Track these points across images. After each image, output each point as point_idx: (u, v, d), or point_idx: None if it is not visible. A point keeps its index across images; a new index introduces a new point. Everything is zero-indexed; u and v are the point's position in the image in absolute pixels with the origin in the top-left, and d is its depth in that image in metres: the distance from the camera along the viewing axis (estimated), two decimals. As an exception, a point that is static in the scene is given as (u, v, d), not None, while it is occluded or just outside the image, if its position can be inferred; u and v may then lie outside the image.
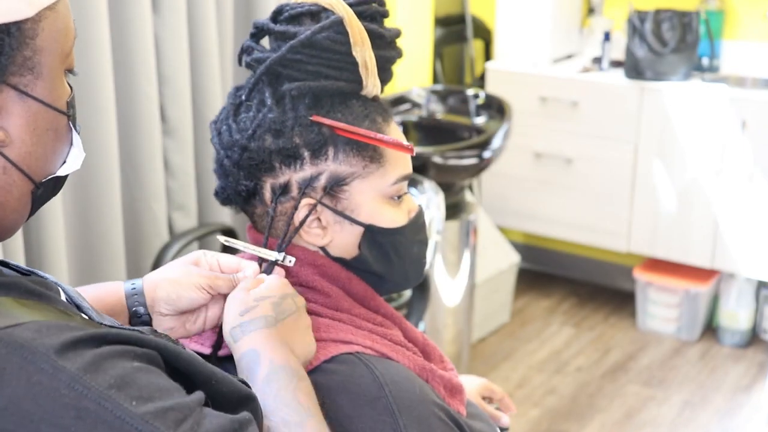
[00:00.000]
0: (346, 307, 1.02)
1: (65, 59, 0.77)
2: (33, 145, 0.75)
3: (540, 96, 3.29)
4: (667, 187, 3.13)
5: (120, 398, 0.67)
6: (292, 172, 1.00)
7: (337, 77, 1.00)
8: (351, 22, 1.00)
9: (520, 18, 3.34)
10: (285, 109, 1.00)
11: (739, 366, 3.07)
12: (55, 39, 0.75)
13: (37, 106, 0.75)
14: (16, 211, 0.77)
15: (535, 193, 3.40)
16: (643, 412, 2.81)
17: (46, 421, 0.65)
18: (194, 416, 0.70)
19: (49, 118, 0.76)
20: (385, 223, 1.03)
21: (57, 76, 0.76)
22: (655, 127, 3.10)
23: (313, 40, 0.99)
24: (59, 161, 0.79)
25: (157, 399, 0.69)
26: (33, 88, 0.74)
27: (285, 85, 1.00)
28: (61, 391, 0.65)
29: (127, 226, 2.05)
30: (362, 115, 1.02)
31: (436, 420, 0.95)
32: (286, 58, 1.00)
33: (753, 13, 3.22)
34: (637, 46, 3.09)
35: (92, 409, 0.66)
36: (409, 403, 0.93)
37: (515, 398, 2.86)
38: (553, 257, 3.74)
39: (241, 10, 2.27)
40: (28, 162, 0.75)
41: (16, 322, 0.68)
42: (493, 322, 3.31)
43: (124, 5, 1.92)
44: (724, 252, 3.07)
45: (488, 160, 2.62)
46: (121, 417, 0.66)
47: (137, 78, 1.98)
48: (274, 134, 0.99)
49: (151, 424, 0.67)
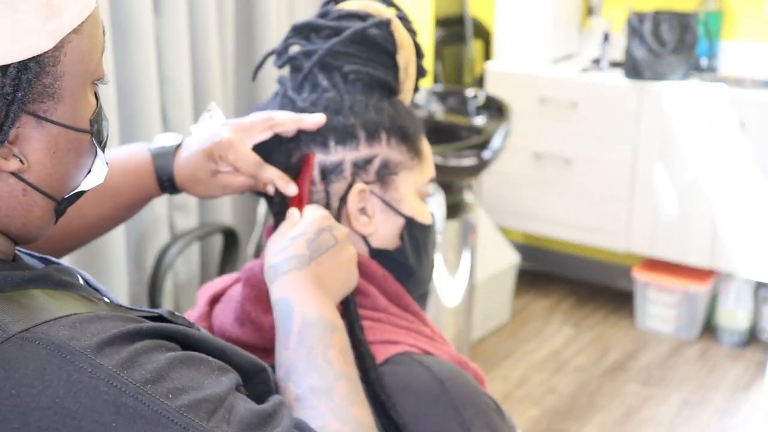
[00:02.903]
0: (383, 306, 1.02)
1: (91, 75, 0.75)
2: (54, 167, 0.74)
3: (539, 96, 3.30)
4: (667, 187, 3.14)
5: (156, 392, 0.68)
6: (345, 152, 1.01)
7: (385, 73, 1.04)
8: (398, 27, 1.04)
9: (519, 18, 3.35)
10: (341, 91, 1.02)
11: (738, 365, 3.08)
12: (79, 60, 0.72)
13: (57, 129, 0.73)
14: (40, 228, 0.77)
15: (534, 193, 3.41)
16: (643, 411, 2.81)
17: (88, 418, 0.66)
18: (226, 405, 0.72)
19: (71, 138, 0.74)
20: (421, 218, 1.05)
21: (80, 94, 0.74)
22: (655, 127, 3.11)
23: (366, 35, 1.02)
24: (82, 175, 0.78)
25: (191, 390, 0.70)
26: (53, 113, 0.72)
27: (345, 67, 1.02)
28: (100, 388, 0.67)
29: (128, 225, 2.06)
30: (406, 113, 1.05)
31: (492, 410, 0.96)
32: (338, 51, 1.03)
33: (751, 14, 3.23)
34: (636, 46, 3.10)
35: (131, 405, 0.67)
36: (468, 397, 0.94)
37: (515, 398, 2.87)
38: (553, 257, 3.75)
39: (242, 10, 2.28)
40: (48, 183, 0.74)
41: (51, 317, 0.69)
42: (493, 322, 3.31)
43: (125, 6, 1.93)
44: (722, 252, 3.08)
45: (488, 160, 2.63)
46: (158, 411, 0.68)
47: (138, 78, 1.98)
48: (331, 112, 1.01)
49: (186, 417, 0.69)
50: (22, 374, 0.66)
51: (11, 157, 0.71)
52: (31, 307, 0.69)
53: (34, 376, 0.66)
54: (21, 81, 0.68)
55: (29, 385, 0.65)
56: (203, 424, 0.69)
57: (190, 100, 2.11)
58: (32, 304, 0.70)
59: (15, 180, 0.72)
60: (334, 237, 0.95)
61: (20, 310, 0.69)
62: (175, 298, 2.20)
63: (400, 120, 1.03)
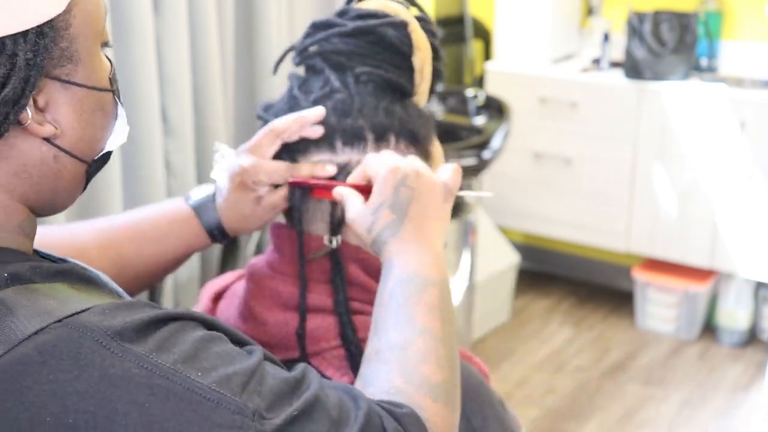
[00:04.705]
0: None
1: (100, 37, 0.78)
2: (84, 129, 0.77)
3: (539, 96, 3.30)
4: (666, 187, 3.14)
5: (187, 371, 0.70)
6: (353, 153, 1.00)
7: (399, 76, 1.03)
8: (415, 28, 1.02)
9: (519, 18, 3.35)
10: (351, 92, 1.01)
11: (738, 365, 3.08)
12: (87, 22, 0.76)
13: (81, 91, 0.76)
14: (68, 191, 0.80)
15: (534, 193, 3.41)
16: (642, 411, 2.82)
17: (123, 400, 0.68)
18: (257, 376, 0.74)
19: (95, 99, 0.77)
20: None
21: (95, 55, 0.77)
22: (655, 127, 3.11)
23: (381, 34, 1.01)
24: (108, 137, 0.81)
25: (220, 367, 0.72)
26: (74, 75, 0.75)
27: (357, 68, 1.02)
28: (132, 371, 0.69)
29: (128, 226, 2.06)
30: (417, 115, 1.03)
31: (496, 403, 0.97)
32: (352, 52, 1.02)
33: (751, 14, 3.23)
34: (636, 46, 3.10)
35: (163, 385, 0.69)
36: (470, 388, 0.94)
37: (515, 398, 2.87)
38: (553, 257, 3.75)
39: (242, 10, 2.28)
40: (79, 147, 0.77)
41: (81, 308, 0.71)
42: (493, 322, 3.31)
43: (124, 6, 1.93)
44: (722, 252, 3.08)
45: (488, 160, 2.63)
46: (190, 389, 0.69)
47: (138, 78, 1.98)
48: (340, 113, 1.00)
49: (218, 392, 0.70)
50: (58, 360, 0.67)
51: (45, 123, 0.74)
52: (61, 299, 0.71)
53: (70, 361, 0.67)
54: (39, 46, 0.71)
55: (66, 371, 0.67)
56: (235, 398, 0.71)
57: (190, 100, 2.11)
58: (61, 296, 0.72)
59: (48, 147, 0.75)
60: (409, 187, 0.94)
61: (51, 300, 0.71)
62: (175, 298, 2.20)
63: (410, 123, 1.02)
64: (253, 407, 0.71)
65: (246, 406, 0.71)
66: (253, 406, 0.71)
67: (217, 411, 0.70)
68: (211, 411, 0.70)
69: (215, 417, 0.70)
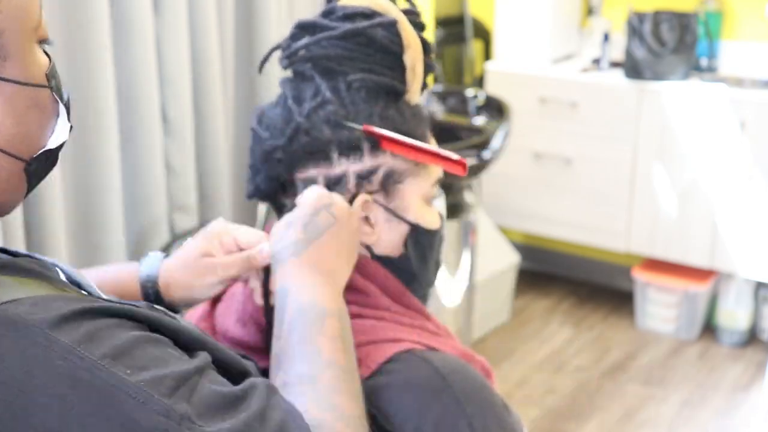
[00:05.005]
0: (385, 305, 1.01)
1: (34, 32, 0.75)
2: (16, 126, 0.74)
3: (539, 96, 3.30)
4: (666, 187, 3.14)
5: (114, 367, 0.68)
6: (349, 164, 0.99)
7: (391, 77, 1.01)
8: (404, 26, 1.01)
9: (519, 18, 3.35)
10: (344, 102, 0.99)
11: (738, 365, 3.08)
12: (16, 17, 0.72)
13: (11, 87, 0.73)
14: (8, 192, 0.76)
15: (534, 194, 3.41)
16: (642, 411, 2.82)
17: (42, 391, 0.67)
18: (190, 383, 0.71)
19: (28, 95, 0.74)
20: (427, 223, 1.04)
21: (28, 51, 0.74)
22: (655, 127, 3.11)
23: (371, 36, 0.99)
24: (48, 134, 0.77)
25: (153, 368, 0.70)
26: (3, 71, 0.72)
27: (349, 76, 1.00)
28: (55, 362, 0.67)
29: (128, 226, 2.06)
30: (412, 116, 1.02)
31: (497, 405, 0.96)
32: (341, 56, 1.00)
33: (751, 14, 3.23)
34: (636, 46, 3.10)
35: (86, 379, 0.67)
36: (471, 390, 0.94)
37: (515, 398, 2.87)
38: (553, 257, 3.75)
39: (242, 10, 2.28)
40: (12, 143, 0.74)
41: (13, 298, 0.69)
42: (493, 322, 3.31)
43: (124, 6, 1.93)
44: (722, 252, 3.08)
45: (488, 160, 2.63)
46: (115, 385, 0.68)
47: (138, 78, 1.98)
48: (334, 125, 0.98)
49: (145, 392, 0.68)
50: None
51: None
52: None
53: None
54: None
55: None
56: (163, 399, 0.69)
57: (190, 100, 2.11)
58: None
59: None
60: (331, 215, 0.93)
61: None
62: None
63: (406, 126, 1.01)
64: (181, 411, 0.69)
65: (173, 409, 0.69)
66: (181, 411, 0.69)
67: (141, 410, 0.68)
68: (135, 410, 0.68)
69: (138, 417, 0.68)
